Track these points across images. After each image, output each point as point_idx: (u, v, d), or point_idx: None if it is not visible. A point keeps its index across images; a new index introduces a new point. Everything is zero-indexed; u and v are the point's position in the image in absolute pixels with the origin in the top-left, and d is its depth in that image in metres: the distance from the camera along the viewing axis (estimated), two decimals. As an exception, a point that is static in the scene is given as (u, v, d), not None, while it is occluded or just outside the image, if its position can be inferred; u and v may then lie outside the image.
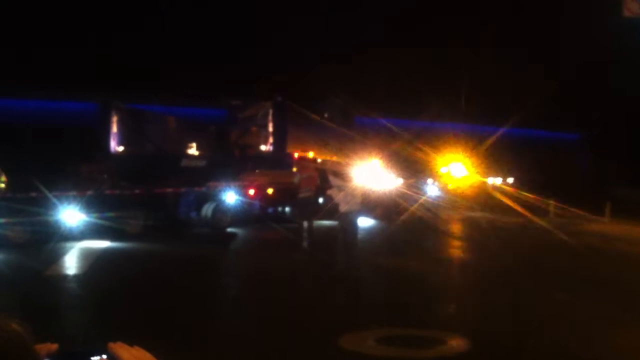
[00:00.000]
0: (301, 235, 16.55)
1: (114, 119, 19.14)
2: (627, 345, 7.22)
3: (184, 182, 19.20)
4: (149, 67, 30.62)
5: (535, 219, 24.13)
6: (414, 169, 32.01)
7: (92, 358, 1.14)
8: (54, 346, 1.15)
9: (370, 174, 23.15)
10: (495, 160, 42.14)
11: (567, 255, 15.21)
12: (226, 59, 33.50)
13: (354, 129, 25.11)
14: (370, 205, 21.86)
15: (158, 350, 1.19)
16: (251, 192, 20.71)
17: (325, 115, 24.46)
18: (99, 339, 1.21)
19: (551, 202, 24.80)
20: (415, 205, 25.21)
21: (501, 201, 31.34)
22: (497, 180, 44.30)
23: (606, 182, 34.46)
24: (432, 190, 32.57)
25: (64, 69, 27.07)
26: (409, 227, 20.38)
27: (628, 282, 11.20)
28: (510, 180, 44.31)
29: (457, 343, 7.19)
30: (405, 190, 27.14)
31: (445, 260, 14.22)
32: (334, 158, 22.38)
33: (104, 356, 1.14)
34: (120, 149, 19.40)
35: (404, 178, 29.24)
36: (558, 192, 26.13)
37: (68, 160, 17.49)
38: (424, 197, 28.83)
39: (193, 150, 20.90)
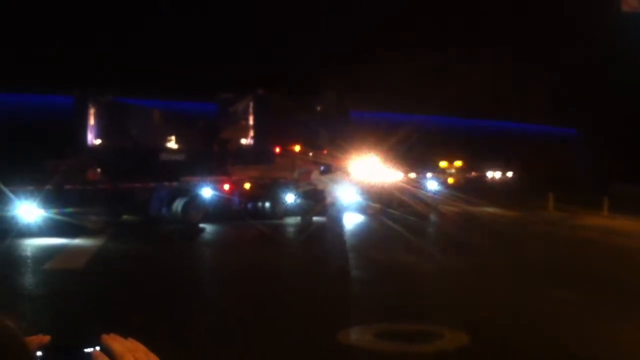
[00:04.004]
0: (293, 230, 16.41)
1: (91, 112, 18.92)
2: (625, 340, 7.21)
3: (160, 177, 18.81)
4: (144, 63, 30.64)
5: (534, 213, 24.15)
6: (413, 164, 31.98)
7: (85, 350, 1.13)
8: (46, 338, 1.13)
9: (367, 168, 23.05)
10: (494, 155, 42.17)
11: (566, 250, 15.20)
12: (222, 53, 33.52)
13: (349, 122, 24.74)
14: (367, 199, 21.78)
15: (152, 344, 1.19)
16: (226, 187, 20.31)
17: (318, 108, 24.09)
18: (92, 331, 1.20)
19: (550, 196, 24.82)
20: (414, 200, 25.19)
21: (499, 194, 31.38)
22: (496, 174, 44.34)
23: (605, 177, 34.47)
24: (431, 184, 32.54)
25: (59, 65, 27.07)
26: (407, 222, 20.31)
27: (626, 276, 11.17)
28: (510, 174, 44.34)
29: (455, 338, 7.18)
30: (404, 185, 27.12)
31: (443, 255, 14.17)
32: (325, 152, 22.11)
33: (97, 348, 1.13)
34: (98, 142, 19.18)
35: (403, 172, 29.22)
36: (557, 187, 26.15)
37: (36, 154, 17.09)
38: (423, 192, 28.81)
39: (172, 144, 20.57)
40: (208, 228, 18.37)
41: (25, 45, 27.86)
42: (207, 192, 19.46)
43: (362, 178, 22.72)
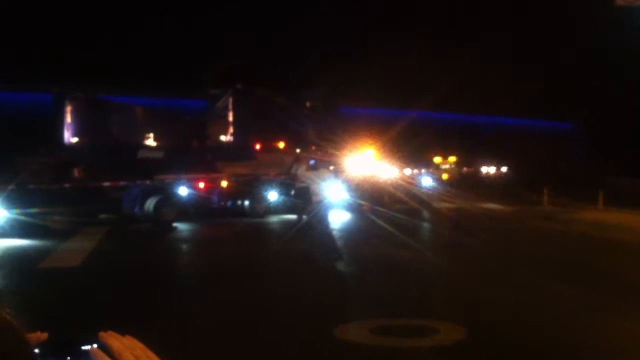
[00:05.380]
0: (278, 228, 16.17)
1: (69, 109, 18.63)
2: (620, 333, 7.22)
3: (135, 175, 18.48)
4: (141, 60, 30.64)
5: (529, 207, 24.20)
6: (407, 160, 32.01)
7: (82, 347, 1.12)
8: (44, 335, 1.13)
9: (358, 165, 22.85)
10: (489, 150, 42.29)
11: (561, 244, 15.20)
12: (218, 50, 33.50)
13: (339, 118, 24.34)
14: (358, 196, 21.58)
15: (150, 341, 1.18)
16: (201, 185, 19.88)
17: (307, 104, 23.65)
18: (90, 328, 1.19)
19: (545, 190, 24.87)
20: (408, 196, 25.20)
21: (494, 190, 31.45)
22: (491, 169, 44.45)
23: (600, 171, 34.56)
24: (425, 180, 32.61)
25: (40, 63, 26.99)
26: (399, 219, 20.14)
27: (621, 269, 11.19)
28: (504, 169, 44.46)
29: (451, 332, 7.18)
30: (398, 181, 27.13)
31: (438, 250, 14.16)
32: (314, 148, 21.82)
33: (95, 345, 1.12)
34: (75, 140, 18.85)
35: (397, 168, 29.24)
36: (552, 181, 26.20)
37: (9, 152, 16.68)
38: (417, 188, 28.85)
39: (151, 141, 20.21)
40: (182, 227, 17.95)
41: (5, 42, 27.74)
42: (182, 190, 19.10)
43: (353, 174, 22.62)
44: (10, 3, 27.94)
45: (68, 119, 18.65)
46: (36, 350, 1.09)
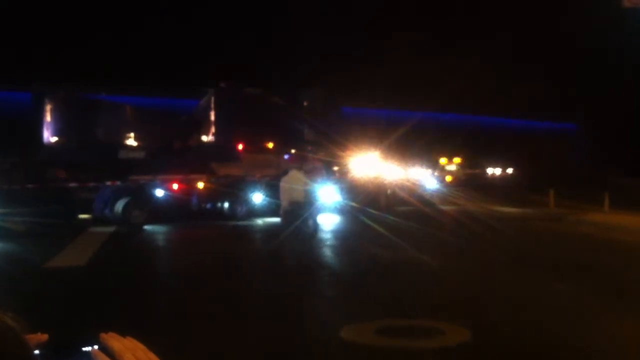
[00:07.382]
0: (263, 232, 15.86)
1: (48, 108, 18.26)
2: (624, 335, 7.19)
3: (113, 175, 18.01)
4: (142, 60, 30.71)
5: (535, 209, 24.14)
6: (412, 161, 31.94)
7: (83, 348, 1.11)
8: (44, 336, 1.11)
9: (357, 166, 22.52)
10: (494, 151, 42.24)
11: (566, 245, 15.15)
12: (218, 50, 33.58)
13: (340, 118, 23.73)
14: (353, 199, 21.28)
15: (151, 343, 1.16)
16: (175, 186, 19.24)
17: (305, 104, 23.02)
18: (91, 330, 1.17)
19: (550, 192, 24.79)
20: (413, 197, 25.12)
21: (500, 191, 31.41)
22: (496, 171, 44.39)
23: (606, 172, 34.49)
24: (430, 182, 32.52)
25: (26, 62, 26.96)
26: (405, 220, 19.97)
27: (625, 271, 11.18)
28: (510, 170, 44.40)
29: (456, 334, 7.16)
30: (402, 182, 27.06)
31: (442, 251, 14.05)
32: (310, 149, 21.17)
33: (96, 346, 1.11)
34: (54, 139, 18.50)
35: (401, 170, 29.16)
36: (557, 182, 26.15)
37: None
38: (421, 189, 28.80)
39: (132, 141, 19.77)
40: (154, 230, 17.63)
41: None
42: (156, 192, 18.71)
43: (349, 176, 22.36)
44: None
45: (48, 117, 18.29)
46: (36, 352, 1.07)
